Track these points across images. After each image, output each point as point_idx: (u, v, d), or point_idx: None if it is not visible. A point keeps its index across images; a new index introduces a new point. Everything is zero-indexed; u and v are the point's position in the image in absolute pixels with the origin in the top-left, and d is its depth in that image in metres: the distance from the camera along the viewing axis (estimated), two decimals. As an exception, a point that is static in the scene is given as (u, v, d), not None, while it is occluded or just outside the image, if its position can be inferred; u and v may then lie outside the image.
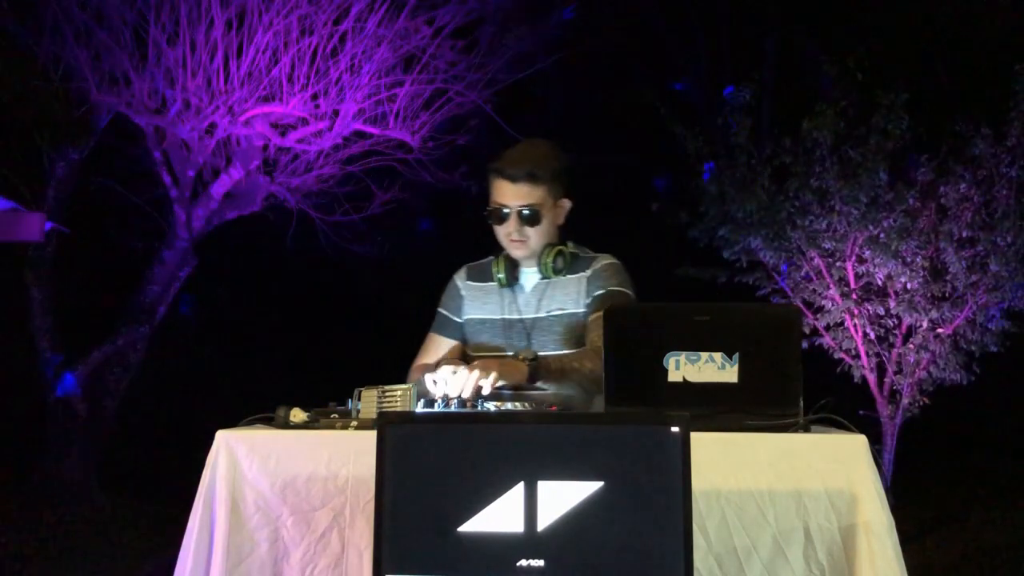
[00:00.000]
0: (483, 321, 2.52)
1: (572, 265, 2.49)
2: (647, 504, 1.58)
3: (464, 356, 2.54)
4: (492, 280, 2.52)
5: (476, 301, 2.54)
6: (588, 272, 2.50)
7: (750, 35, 7.64)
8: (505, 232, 2.45)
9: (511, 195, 2.42)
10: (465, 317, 2.55)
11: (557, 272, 2.47)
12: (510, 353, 2.43)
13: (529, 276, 2.52)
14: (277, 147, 5.23)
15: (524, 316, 2.48)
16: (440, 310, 2.59)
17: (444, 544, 1.60)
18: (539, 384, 2.25)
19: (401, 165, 5.50)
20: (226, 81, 4.73)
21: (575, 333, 2.44)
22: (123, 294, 5.73)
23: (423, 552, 1.61)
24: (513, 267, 2.49)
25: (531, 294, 2.50)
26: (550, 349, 2.43)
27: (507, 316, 2.49)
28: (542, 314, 2.47)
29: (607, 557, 1.58)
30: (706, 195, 5.67)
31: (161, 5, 4.65)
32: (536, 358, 2.22)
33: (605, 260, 2.52)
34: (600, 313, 2.36)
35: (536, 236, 2.45)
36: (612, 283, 2.46)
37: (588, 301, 2.46)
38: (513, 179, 2.42)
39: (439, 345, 2.56)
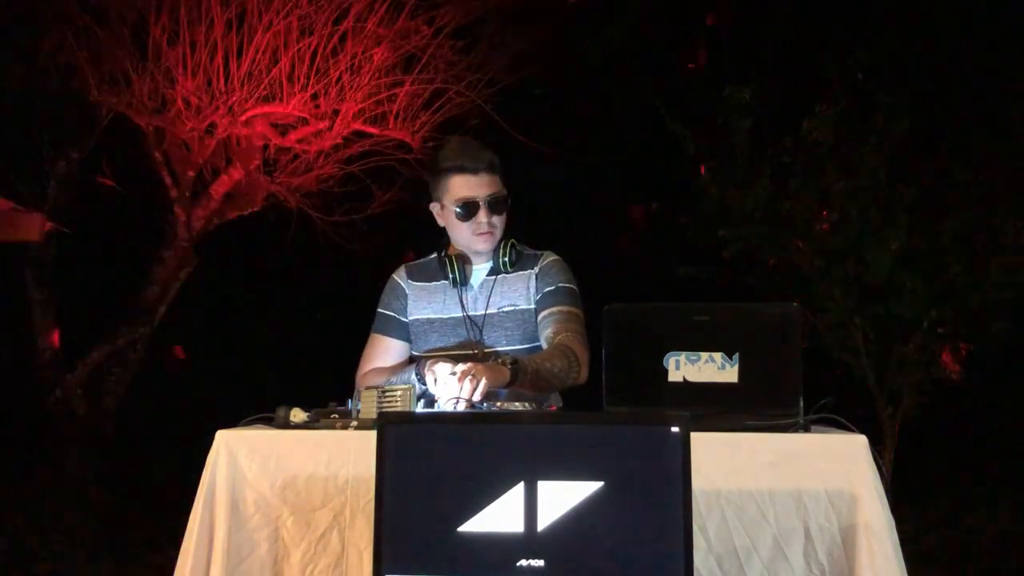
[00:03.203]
0: (430, 321, 2.50)
1: (518, 262, 2.51)
2: (647, 504, 1.58)
3: (410, 359, 2.54)
4: (437, 279, 2.53)
5: (420, 301, 2.53)
6: (536, 269, 2.52)
7: (750, 35, 7.64)
8: (475, 224, 2.45)
9: (477, 186, 2.44)
10: (410, 317, 2.53)
11: (512, 266, 2.49)
12: (469, 351, 2.43)
13: (477, 273, 2.53)
14: (277, 147, 5.23)
15: (474, 313, 2.48)
16: (383, 311, 2.57)
17: (444, 544, 1.60)
18: (516, 388, 2.24)
19: (401, 165, 5.50)
20: (226, 81, 4.73)
21: (526, 329, 2.47)
22: (123, 294, 5.72)
23: (423, 552, 1.61)
24: (464, 265, 2.49)
25: (479, 291, 2.50)
26: (502, 345, 2.44)
27: (456, 314, 2.48)
28: (493, 310, 2.47)
29: (607, 557, 1.58)
30: (706, 195, 5.67)
31: (161, 5, 4.66)
32: (516, 362, 2.21)
33: (551, 257, 2.55)
34: (556, 309, 2.42)
35: (500, 226, 2.48)
36: (560, 279, 2.50)
37: (538, 297, 2.48)
38: (476, 171, 2.44)
39: (388, 346, 2.54)
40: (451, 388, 2.11)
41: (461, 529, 1.60)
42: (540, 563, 1.59)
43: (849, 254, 5.29)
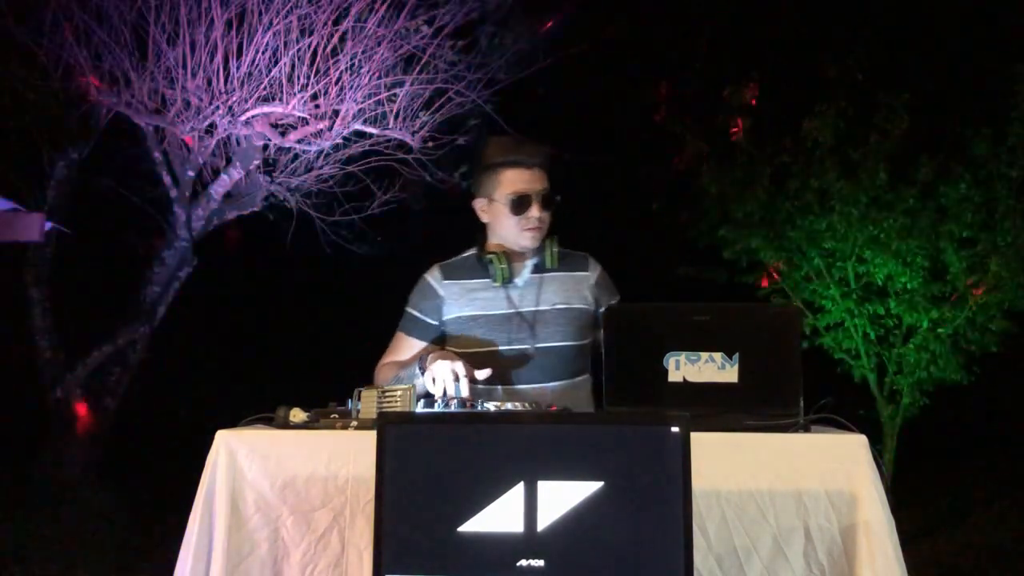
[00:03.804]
0: (475, 318, 2.49)
1: (562, 261, 2.52)
2: (647, 504, 1.58)
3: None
4: (477, 276, 2.52)
5: (461, 299, 2.52)
6: (588, 274, 2.55)
7: (750, 34, 7.64)
8: (525, 219, 2.45)
9: (531, 181, 2.46)
10: (449, 316, 2.52)
11: (560, 261, 2.49)
12: (511, 347, 2.44)
13: (521, 271, 2.52)
14: (277, 147, 5.23)
15: (523, 309, 2.47)
16: (410, 310, 2.56)
17: (444, 544, 1.60)
18: None
19: (401, 165, 5.50)
20: (226, 81, 4.73)
21: (578, 327, 2.49)
22: (123, 294, 5.72)
23: (423, 552, 1.61)
24: (510, 262, 2.49)
25: (526, 288, 2.50)
26: (556, 341, 2.45)
27: (502, 311, 2.48)
28: (544, 307, 2.47)
29: (607, 557, 1.58)
30: (706, 195, 5.68)
31: (161, 5, 4.65)
32: None
33: (598, 265, 2.60)
34: None
35: (548, 222, 2.50)
36: (617, 293, 2.57)
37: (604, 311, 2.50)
38: (531, 166, 2.46)
39: (411, 346, 2.54)
40: (449, 387, 2.12)
41: (461, 529, 1.60)
42: (540, 563, 1.59)
43: (849, 254, 5.30)
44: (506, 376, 2.42)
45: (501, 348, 2.44)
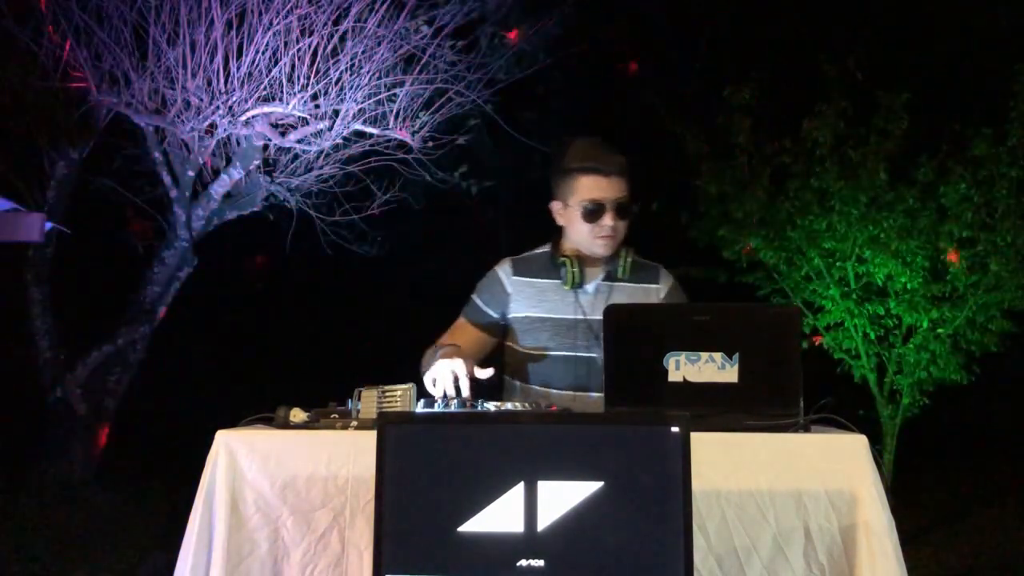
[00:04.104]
0: (543, 320, 2.47)
1: (634, 272, 2.50)
2: (647, 504, 1.58)
3: (501, 350, 2.53)
4: (548, 277, 2.49)
5: (530, 299, 2.50)
6: (659, 286, 2.54)
7: (750, 35, 7.64)
8: (598, 227, 2.43)
9: (607, 189, 2.42)
10: (514, 315, 2.50)
11: (632, 272, 2.48)
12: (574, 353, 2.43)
13: (592, 277, 2.50)
14: (277, 147, 5.23)
15: (591, 317, 2.45)
16: (475, 298, 2.55)
17: (444, 544, 1.60)
18: None
19: (401, 165, 5.50)
20: (226, 81, 4.73)
21: None
22: (123, 294, 5.73)
23: (423, 552, 1.61)
24: (582, 267, 2.47)
25: (595, 296, 2.48)
26: None
27: (572, 316, 2.46)
28: None
29: (607, 557, 1.58)
30: (706, 195, 5.68)
31: (161, 5, 4.66)
32: None
33: (672, 278, 2.57)
34: None
35: (622, 231, 2.47)
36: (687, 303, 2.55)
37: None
38: (608, 174, 2.42)
39: (465, 332, 2.52)
40: (449, 389, 2.11)
41: (461, 529, 1.60)
42: (540, 563, 1.59)
43: (849, 254, 5.30)
44: (569, 381, 2.42)
45: (566, 353, 2.43)
